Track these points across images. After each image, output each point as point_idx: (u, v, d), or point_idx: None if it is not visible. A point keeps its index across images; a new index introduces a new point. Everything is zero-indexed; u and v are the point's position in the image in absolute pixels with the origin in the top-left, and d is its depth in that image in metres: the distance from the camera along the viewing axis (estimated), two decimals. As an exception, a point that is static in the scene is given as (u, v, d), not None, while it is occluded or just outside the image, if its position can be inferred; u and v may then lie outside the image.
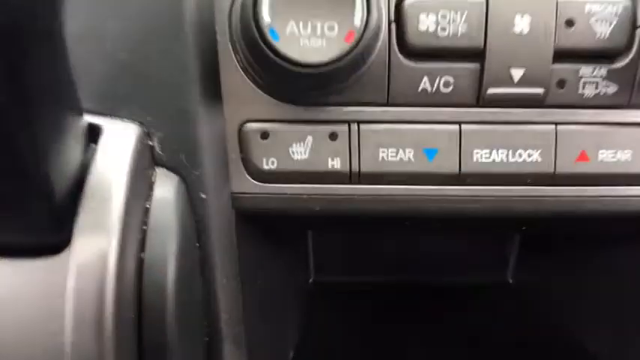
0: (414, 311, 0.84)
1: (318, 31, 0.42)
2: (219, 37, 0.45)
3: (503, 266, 0.90)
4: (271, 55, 0.41)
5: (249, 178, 0.48)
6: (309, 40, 0.42)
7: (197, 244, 0.47)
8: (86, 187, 0.39)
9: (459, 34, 0.44)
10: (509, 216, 0.52)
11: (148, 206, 0.44)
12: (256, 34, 0.42)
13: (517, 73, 0.45)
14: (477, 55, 0.44)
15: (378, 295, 0.86)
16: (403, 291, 0.86)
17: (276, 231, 0.64)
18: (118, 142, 0.42)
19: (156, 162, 0.46)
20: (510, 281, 0.90)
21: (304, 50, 0.41)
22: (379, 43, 0.46)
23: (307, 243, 0.85)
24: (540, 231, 0.70)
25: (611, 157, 0.47)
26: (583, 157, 0.47)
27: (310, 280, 0.89)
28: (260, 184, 0.48)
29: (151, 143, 0.45)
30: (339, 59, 0.41)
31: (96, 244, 0.38)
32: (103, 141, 0.42)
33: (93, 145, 0.41)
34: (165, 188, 0.45)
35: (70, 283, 0.37)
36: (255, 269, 0.57)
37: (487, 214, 0.51)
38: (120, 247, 0.38)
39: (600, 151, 0.49)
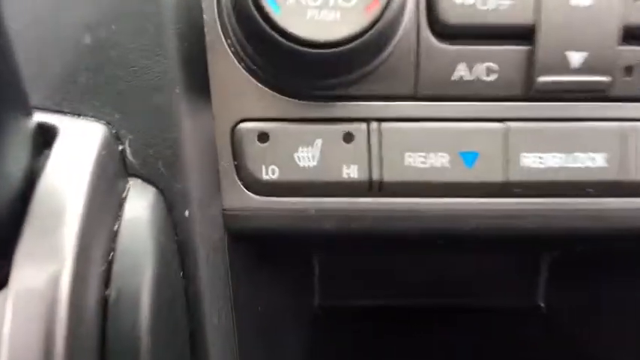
0: (433, 337, 0.79)
1: (331, 0, 0.35)
2: (205, 16, 0.40)
3: (533, 288, 0.83)
4: (270, 31, 0.36)
5: (245, 190, 0.43)
6: (318, 12, 0.35)
7: (180, 274, 0.42)
8: (32, 204, 0.34)
9: (504, 9, 0.39)
10: (564, 234, 0.45)
11: (115, 228, 0.38)
12: (251, 5, 0.35)
13: (575, 58, 0.40)
14: (526, 34, 0.40)
15: (393, 320, 0.80)
16: (421, 315, 0.80)
17: (277, 254, 0.57)
18: (77, 147, 0.37)
19: (127, 171, 0.40)
20: (541, 305, 0.82)
21: (312, 25, 0.36)
22: (405, 21, 0.39)
23: (312, 262, 0.78)
24: (598, 250, 0.63)
25: None
26: None
27: (316, 304, 0.81)
28: (258, 197, 0.43)
29: (120, 147, 0.40)
30: (357, 36, 0.36)
31: (42, 278, 0.32)
32: (58, 145, 0.37)
33: (45, 151, 0.36)
34: (138, 204, 0.39)
35: (4, 331, 0.31)
36: (252, 299, 0.52)
37: (537, 232, 0.45)
38: (74, 282, 0.32)
39: None
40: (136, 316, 0.36)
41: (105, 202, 0.37)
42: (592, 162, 0.42)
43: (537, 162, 0.42)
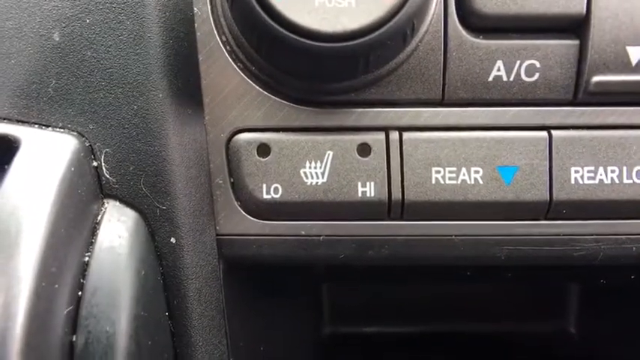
0: None
1: None
2: (195, 8, 0.36)
3: (563, 312, 0.78)
4: (270, 22, 0.31)
5: (243, 212, 0.38)
6: None
7: (166, 314, 0.37)
8: None
9: None
10: (617, 263, 0.40)
11: (86, 259, 0.33)
12: None
13: (636, 53, 0.35)
14: (576, 26, 0.36)
15: (411, 347, 0.76)
16: (443, 341, 0.76)
17: (281, 285, 0.53)
18: (41, 162, 0.33)
19: (103, 191, 0.36)
20: (572, 331, 0.78)
21: (321, 14, 0.31)
22: (432, 12, 0.35)
23: (320, 291, 0.73)
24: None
25: None
26: None
27: (325, 333, 0.76)
28: (258, 221, 0.39)
29: (95, 163, 0.35)
30: (374, 28, 0.31)
31: None
32: (19, 160, 0.33)
33: (4, 166, 0.33)
34: (115, 231, 0.35)
35: None
36: (251, 339, 0.47)
37: (587, 261, 0.39)
38: (29, 329, 0.28)
39: None
40: None
41: (74, 228, 0.33)
42: None
43: (590, 177, 0.37)
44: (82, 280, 0.32)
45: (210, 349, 0.38)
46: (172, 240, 0.35)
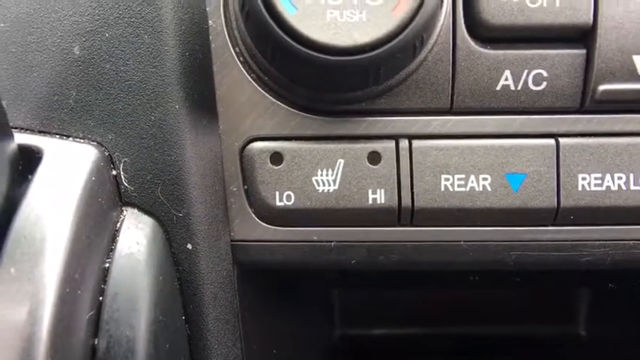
0: None
1: None
2: (210, 20, 0.37)
3: (574, 316, 0.77)
4: (283, 36, 0.31)
5: (257, 219, 0.39)
6: (340, 13, 0.31)
7: (182, 318, 0.37)
8: (10, 237, 0.30)
9: (557, 6, 0.34)
10: (624, 268, 0.40)
11: (107, 265, 0.34)
12: (261, 5, 0.31)
13: None
14: (582, 36, 0.36)
15: (421, 349, 0.75)
16: (452, 344, 0.75)
17: (294, 289, 0.52)
18: (63, 172, 0.34)
19: (122, 199, 0.36)
20: (582, 334, 0.76)
21: (333, 28, 0.31)
22: (441, 24, 0.35)
23: (332, 295, 0.73)
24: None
25: None
26: None
27: (337, 335, 0.76)
28: (272, 227, 0.39)
29: (114, 172, 0.36)
30: (384, 42, 0.31)
31: (17, 324, 0.28)
32: (42, 170, 0.33)
33: (28, 177, 0.33)
34: (134, 238, 0.35)
35: None
36: (265, 342, 0.47)
37: (593, 266, 0.39)
38: (55, 330, 0.28)
39: None
40: None
41: (95, 236, 0.33)
42: None
43: (597, 184, 0.37)
44: (102, 286, 0.33)
45: (225, 352, 0.38)
46: (189, 246, 0.36)
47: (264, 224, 0.38)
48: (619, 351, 0.70)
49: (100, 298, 0.32)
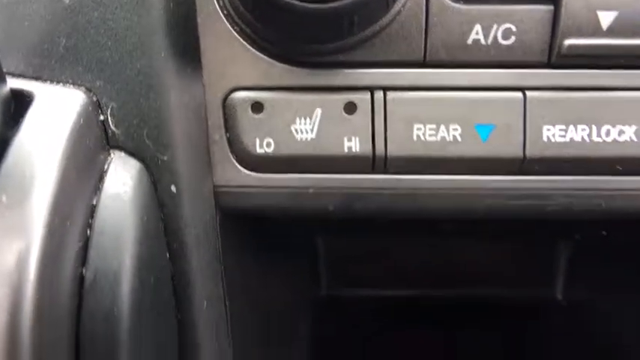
0: (444, 329, 0.76)
1: None
2: None
3: (550, 280, 0.78)
4: None
5: (238, 165, 0.40)
6: None
7: (167, 256, 0.39)
8: (1, 171, 0.32)
9: None
10: (588, 217, 0.41)
11: (94, 202, 0.36)
12: None
13: (607, 18, 0.37)
14: None
15: (402, 311, 0.77)
16: (431, 307, 0.77)
17: (276, 236, 0.53)
18: (53, 114, 0.35)
19: (109, 143, 0.38)
20: (559, 297, 0.78)
21: None
22: None
23: (316, 247, 0.75)
24: (621, 239, 0.58)
25: None
26: None
27: (322, 294, 0.78)
28: (252, 173, 0.40)
29: (102, 117, 0.37)
30: None
31: (9, 255, 0.30)
32: (33, 112, 0.34)
33: (20, 118, 0.34)
34: (120, 178, 0.37)
35: None
36: (247, 286, 0.49)
37: (558, 215, 0.41)
38: (43, 259, 0.30)
39: None
40: (115, 299, 0.34)
41: (83, 175, 0.35)
42: (622, 136, 0.38)
43: (561, 135, 0.38)
44: (90, 221, 0.34)
45: (207, 291, 0.40)
46: (173, 189, 0.37)
47: (245, 170, 0.40)
48: (595, 315, 0.72)
49: (88, 231, 0.34)
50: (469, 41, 0.37)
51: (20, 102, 0.34)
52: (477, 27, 0.37)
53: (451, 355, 0.75)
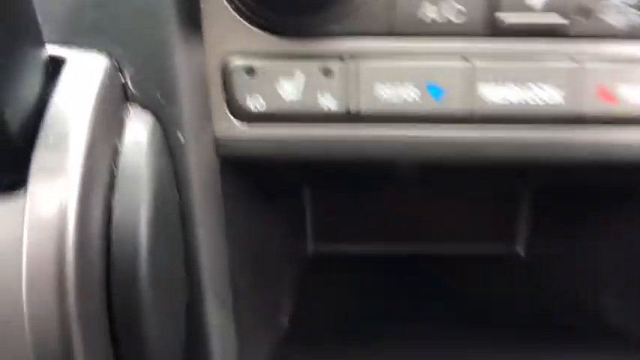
0: (418, 283, 0.78)
1: None
2: None
3: (511, 234, 0.84)
4: None
5: (234, 120, 0.45)
6: None
7: (176, 194, 0.43)
8: (44, 124, 0.35)
9: None
10: (525, 163, 0.48)
11: (118, 147, 0.40)
12: None
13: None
14: None
15: (378, 265, 0.81)
16: (404, 262, 0.81)
17: (268, 184, 0.60)
18: (82, 75, 0.39)
19: (128, 100, 0.42)
20: (521, 253, 0.83)
21: None
22: None
23: (304, 208, 0.81)
24: (558, 183, 0.64)
25: None
26: (609, 96, 0.44)
27: (309, 251, 0.84)
28: (246, 127, 0.45)
29: (122, 80, 0.42)
30: None
31: (54, 187, 0.34)
32: (66, 74, 0.38)
33: (55, 79, 0.38)
34: (139, 128, 0.41)
35: (24, 234, 0.33)
36: (244, 227, 0.55)
37: (502, 161, 0.47)
38: (82, 190, 0.34)
39: (630, 91, 0.44)
40: (136, 225, 0.38)
41: (109, 124, 0.39)
42: (549, 97, 0.43)
43: (500, 97, 0.44)
44: (115, 161, 0.39)
45: (208, 224, 0.46)
46: (181, 138, 0.43)
47: (240, 124, 0.45)
48: (556, 270, 0.76)
49: (114, 169, 0.39)
50: (423, 17, 0.43)
51: (55, 65, 0.38)
52: (426, 3, 0.42)
53: (414, 311, 0.73)
